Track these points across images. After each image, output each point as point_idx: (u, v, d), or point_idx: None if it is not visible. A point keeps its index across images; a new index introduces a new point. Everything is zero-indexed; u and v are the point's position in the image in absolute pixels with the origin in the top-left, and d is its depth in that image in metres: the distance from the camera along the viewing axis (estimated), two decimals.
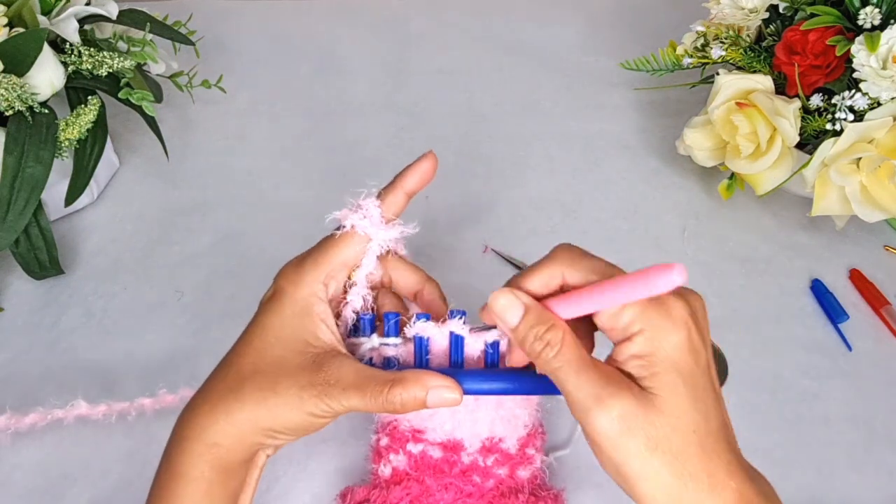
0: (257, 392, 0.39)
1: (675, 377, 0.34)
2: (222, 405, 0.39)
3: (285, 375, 0.39)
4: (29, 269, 0.65)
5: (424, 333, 0.41)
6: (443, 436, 0.45)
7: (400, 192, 0.45)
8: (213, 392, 0.41)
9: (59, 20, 0.63)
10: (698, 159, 0.70)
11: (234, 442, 0.39)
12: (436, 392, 0.38)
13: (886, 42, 0.59)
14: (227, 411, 0.39)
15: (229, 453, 0.39)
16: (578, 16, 0.96)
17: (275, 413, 0.39)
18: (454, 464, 0.45)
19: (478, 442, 0.45)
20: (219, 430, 0.39)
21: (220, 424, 0.39)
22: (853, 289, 0.68)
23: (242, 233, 0.72)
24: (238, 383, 0.40)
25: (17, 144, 0.59)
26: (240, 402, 0.39)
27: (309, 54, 0.91)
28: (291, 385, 0.39)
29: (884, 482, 0.56)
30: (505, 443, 0.45)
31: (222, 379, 0.41)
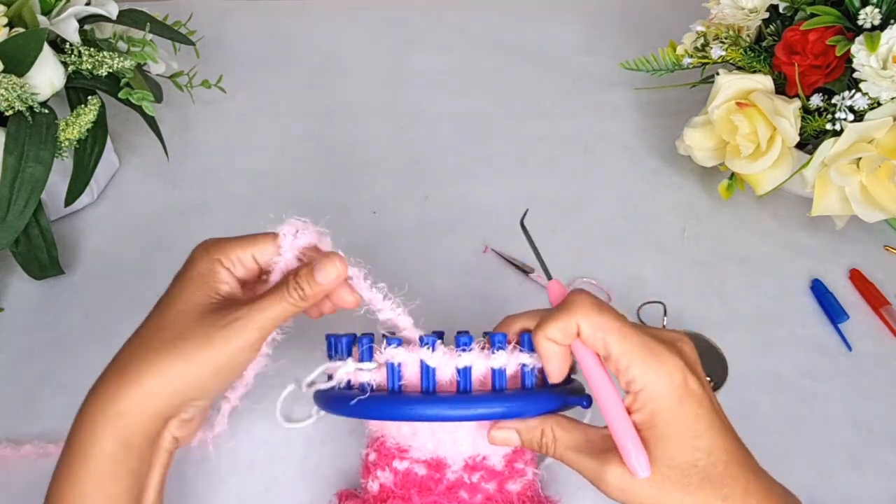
0: (164, 345, 0.39)
1: (672, 424, 0.37)
2: (131, 369, 0.39)
3: (190, 322, 0.39)
4: (29, 269, 0.65)
5: (395, 359, 0.41)
6: (426, 454, 0.45)
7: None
8: (120, 360, 0.40)
9: (59, 20, 0.63)
10: (698, 159, 0.70)
11: (140, 409, 0.38)
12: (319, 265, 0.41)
13: (886, 42, 0.59)
14: (135, 374, 0.38)
15: (133, 423, 0.38)
16: (578, 16, 0.96)
17: (187, 363, 0.38)
18: (439, 481, 0.44)
19: (461, 460, 0.45)
20: (122, 398, 0.38)
21: (124, 390, 0.38)
22: (853, 289, 0.68)
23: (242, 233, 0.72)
24: (143, 345, 0.39)
25: (17, 144, 0.59)
26: (146, 362, 0.39)
27: (309, 54, 0.91)
28: (197, 327, 0.39)
29: (884, 482, 0.56)
30: (490, 460, 0.45)
31: (128, 346, 0.41)
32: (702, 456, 0.37)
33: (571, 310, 0.38)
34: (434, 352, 0.41)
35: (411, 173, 0.77)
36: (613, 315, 0.38)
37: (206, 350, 0.39)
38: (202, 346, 0.39)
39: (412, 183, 0.76)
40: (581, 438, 0.40)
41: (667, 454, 0.37)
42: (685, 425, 0.37)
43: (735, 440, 0.38)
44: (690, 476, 0.36)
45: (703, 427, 0.37)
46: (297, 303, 0.41)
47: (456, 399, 0.40)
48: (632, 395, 0.38)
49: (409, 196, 0.75)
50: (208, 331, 0.39)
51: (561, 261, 0.70)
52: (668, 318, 0.63)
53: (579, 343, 0.39)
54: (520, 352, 0.41)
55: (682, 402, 0.37)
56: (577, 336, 0.38)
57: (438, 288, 0.67)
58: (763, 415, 0.60)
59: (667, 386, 0.37)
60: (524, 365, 0.42)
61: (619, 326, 0.37)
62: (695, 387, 0.37)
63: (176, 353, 0.39)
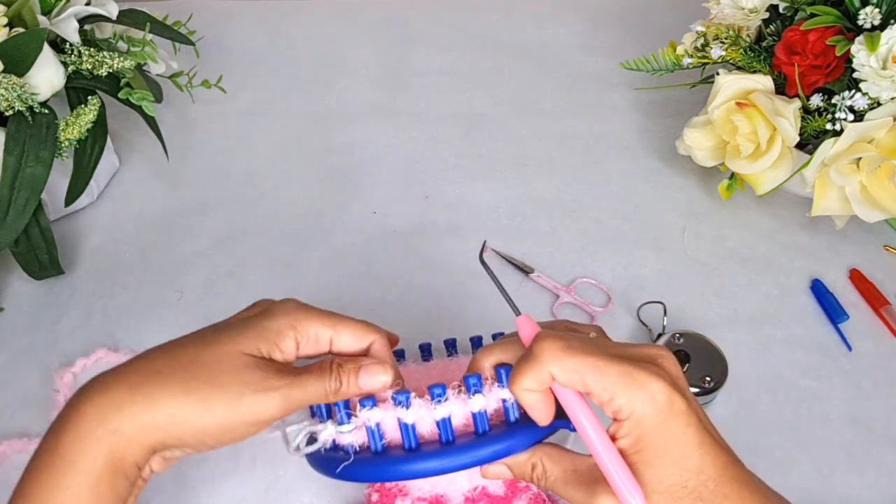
0: (190, 382, 0.36)
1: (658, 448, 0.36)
2: (145, 388, 0.36)
3: (228, 371, 0.37)
4: (29, 269, 0.65)
5: (372, 421, 0.40)
6: (426, 493, 0.44)
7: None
8: (137, 372, 0.37)
9: (59, 20, 0.63)
10: (698, 159, 0.70)
11: (139, 432, 0.36)
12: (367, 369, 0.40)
13: (886, 42, 0.59)
14: (148, 395, 0.36)
15: (129, 445, 0.36)
16: (578, 16, 0.96)
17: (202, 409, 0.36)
18: None
19: (461, 495, 0.44)
20: (126, 416, 0.35)
21: (130, 408, 0.35)
22: (853, 289, 0.68)
23: (242, 233, 0.72)
24: (170, 369, 0.37)
25: (17, 144, 0.59)
26: (164, 388, 0.36)
27: (309, 54, 0.91)
28: (232, 381, 0.36)
29: (884, 482, 0.56)
30: (489, 488, 0.45)
31: (154, 360, 0.38)
32: (691, 476, 0.36)
33: (540, 358, 0.37)
34: (409, 409, 0.39)
35: (411, 173, 0.77)
36: (583, 351, 0.37)
37: (229, 407, 0.36)
38: (228, 402, 0.36)
39: (412, 183, 0.76)
40: (569, 469, 0.40)
41: (654, 479, 0.36)
42: (671, 447, 0.36)
43: (726, 455, 0.37)
44: (681, 498, 0.36)
45: (690, 447, 0.36)
46: (330, 394, 0.39)
47: (440, 453, 0.39)
48: (617, 423, 0.37)
49: (409, 196, 0.75)
50: (242, 389, 0.37)
51: (561, 261, 0.70)
52: (668, 318, 0.63)
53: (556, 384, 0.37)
54: (498, 387, 0.40)
55: (667, 424, 0.36)
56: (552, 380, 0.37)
57: (438, 288, 0.67)
58: (763, 415, 0.60)
59: (650, 410, 0.36)
60: (505, 400, 0.41)
61: (592, 363, 0.36)
62: (680, 406, 0.36)
63: (198, 398, 0.36)
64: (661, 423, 0.36)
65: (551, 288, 0.67)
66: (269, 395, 0.37)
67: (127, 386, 0.36)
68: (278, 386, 0.37)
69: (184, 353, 0.38)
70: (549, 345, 0.37)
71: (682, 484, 0.36)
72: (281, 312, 0.40)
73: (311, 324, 0.40)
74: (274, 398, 0.37)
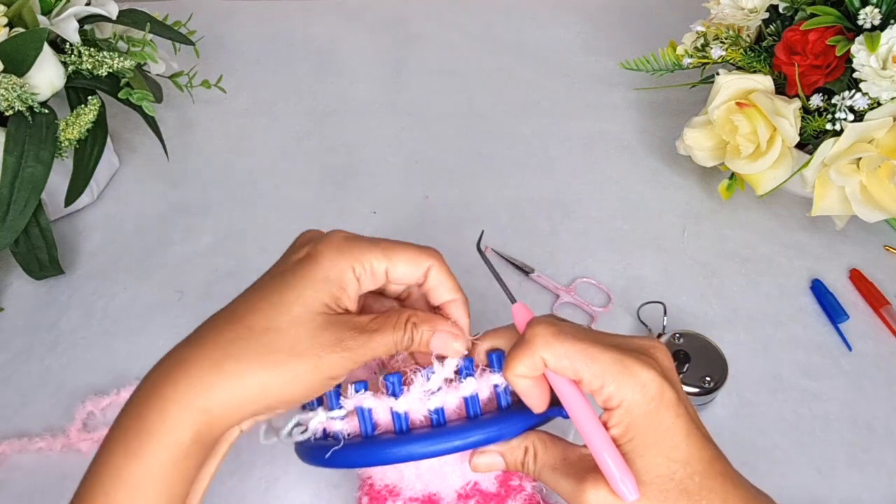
0: (272, 353, 0.36)
1: (646, 437, 0.36)
2: (230, 366, 0.35)
3: (305, 335, 0.36)
4: (29, 269, 0.65)
5: (364, 404, 0.40)
6: (418, 492, 0.44)
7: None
8: (216, 346, 0.36)
9: (59, 20, 0.63)
10: (698, 159, 0.70)
11: (230, 410, 0.36)
12: (440, 336, 0.39)
13: (886, 42, 0.59)
14: (235, 372, 0.35)
15: (218, 421, 0.36)
16: (578, 16, 0.96)
17: (289, 377, 0.36)
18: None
19: (453, 493, 0.44)
20: (215, 395, 0.35)
21: (220, 387, 0.35)
22: (853, 289, 0.68)
23: (242, 233, 0.72)
24: (248, 339, 0.36)
25: (17, 144, 0.59)
26: (248, 364, 0.35)
27: (309, 54, 0.91)
28: (310, 345, 0.36)
29: (884, 482, 0.56)
30: (482, 484, 0.44)
31: (229, 331, 0.36)
32: (678, 468, 0.35)
33: (532, 344, 0.37)
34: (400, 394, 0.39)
35: (411, 173, 0.77)
36: (576, 338, 0.36)
37: (312, 372, 0.36)
38: (310, 368, 0.36)
39: (412, 183, 0.77)
40: (559, 457, 0.39)
41: (643, 468, 0.36)
42: (661, 436, 0.36)
43: (712, 449, 0.37)
44: (668, 490, 0.35)
45: (678, 437, 0.36)
46: (401, 345, 0.39)
47: (430, 435, 0.39)
48: (608, 412, 0.37)
49: (409, 196, 0.75)
50: (320, 352, 0.36)
51: (561, 261, 0.70)
52: (668, 318, 0.63)
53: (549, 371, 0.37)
54: (490, 373, 0.40)
55: (657, 413, 0.36)
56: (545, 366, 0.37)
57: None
58: (763, 415, 0.60)
59: (641, 398, 0.35)
60: (497, 386, 0.40)
61: (583, 349, 0.36)
62: (670, 396, 0.36)
63: (283, 367, 0.36)
64: (650, 412, 0.36)
65: (551, 288, 0.67)
66: (347, 354, 0.37)
67: (211, 363, 0.36)
68: (353, 346, 0.37)
69: (257, 320, 0.37)
70: (541, 330, 0.37)
71: (670, 475, 0.35)
72: (335, 253, 0.38)
73: (366, 258, 0.39)
74: (352, 356, 0.37)
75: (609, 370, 0.36)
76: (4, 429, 0.59)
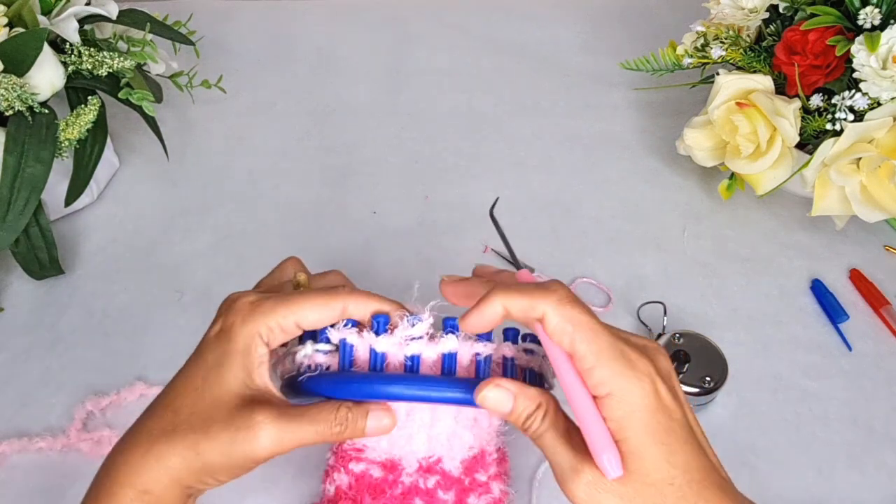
0: (190, 435, 0.38)
1: (645, 436, 0.35)
2: (156, 449, 0.38)
3: (220, 417, 0.38)
4: (29, 269, 0.65)
5: (348, 339, 0.40)
6: (382, 455, 0.43)
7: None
8: (147, 434, 0.39)
9: (59, 20, 0.63)
10: (698, 159, 0.70)
11: (166, 489, 0.38)
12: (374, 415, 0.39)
13: (886, 42, 0.59)
14: (159, 456, 0.38)
15: (161, 500, 0.38)
16: (578, 16, 0.96)
17: (206, 457, 0.38)
18: (394, 484, 0.43)
19: (415, 461, 0.43)
20: (151, 477, 0.38)
21: (152, 471, 0.38)
22: (853, 289, 0.68)
23: (242, 233, 0.72)
24: (173, 425, 0.39)
25: (17, 144, 0.59)
26: (172, 446, 0.38)
27: (309, 54, 0.91)
28: (224, 428, 0.38)
29: (884, 482, 0.56)
30: (445, 463, 0.43)
31: (158, 419, 0.39)
32: (678, 474, 0.34)
33: (544, 293, 0.35)
34: (379, 336, 0.40)
35: (411, 173, 0.77)
36: (587, 311, 0.36)
37: (224, 455, 0.38)
38: (224, 451, 0.38)
39: (412, 183, 0.76)
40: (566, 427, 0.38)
41: (642, 469, 0.34)
42: (659, 438, 0.34)
43: (709, 458, 0.36)
44: (666, 495, 0.34)
45: (677, 442, 0.35)
46: (332, 437, 0.39)
47: (400, 378, 0.38)
48: (598, 399, 0.35)
49: (409, 196, 0.75)
50: (234, 435, 0.38)
51: (561, 261, 0.70)
52: (668, 318, 0.63)
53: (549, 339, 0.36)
54: (475, 342, 0.40)
55: (655, 413, 0.35)
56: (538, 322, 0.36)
57: (438, 288, 0.67)
58: (763, 415, 0.60)
59: (638, 393, 0.34)
60: (478, 354, 0.40)
61: (589, 322, 0.35)
62: (668, 398, 0.35)
63: (198, 452, 0.38)
64: (648, 410, 0.35)
65: None
66: (258, 432, 0.38)
67: (143, 450, 0.38)
68: (266, 430, 0.38)
69: (182, 405, 0.39)
70: (559, 286, 0.36)
71: (669, 480, 0.34)
72: (241, 325, 0.40)
73: (271, 319, 0.39)
74: (263, 436, 0.38)
75: (607, 353, 0.35)
76: (4, 429, 0.59)
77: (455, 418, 0.42)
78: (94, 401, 0.59)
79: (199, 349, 0.41)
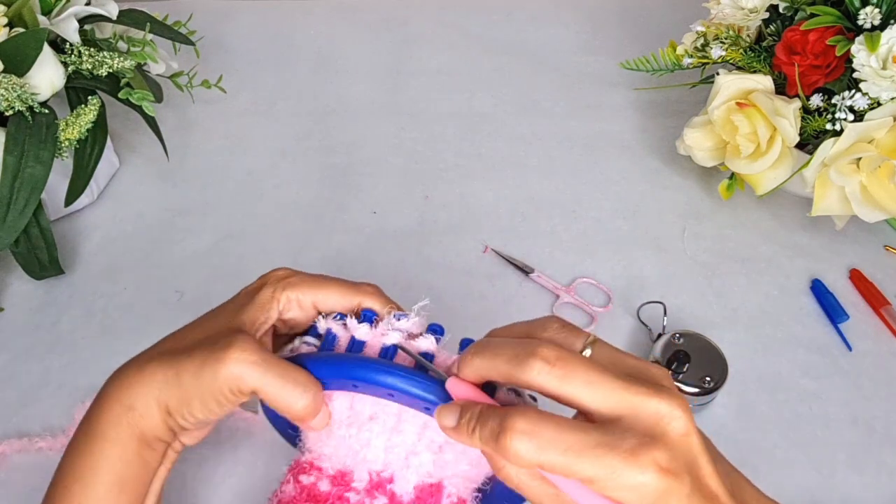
0: (179, 356, 0.39)
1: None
2: (147, 368, 0.39)
3: (207, 342, 0.39)
4: (29, 269, 0.65)
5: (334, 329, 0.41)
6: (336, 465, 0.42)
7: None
8: (147, 356, 0.41)
9: (59, 20, 0.63)
10: (698, 159, 0.70)
11: (148, 406, 0.39)
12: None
13: (886, 42, 0.59)
14: (148, 374, 0.39)
15: (144, 420, 0.39)
16: (578, 16, 0.96)
17: (182, 378, 0.38)
18: (338, 497, 0.41)
19: (366, 472, 0.40)
20: (134, 393, 0.39)
21: (139, 387, 0.39)
22: (853, 289, 0.68)
23: (242, 233, 0.72)
24: (170, 350, 0.40)
25: (17, 144, 0.59)
26: (160, 365, 0.39)
27: (309, 54, 0.91)
28: (206, 349, 0.38)
29: (884, 482, 0.56)
30: (396, 484, 0.40)
31: (162, 343, 0.41)
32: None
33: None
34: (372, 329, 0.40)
35: (411, 173, 0.77)
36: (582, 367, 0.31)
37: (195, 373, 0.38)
38: (194, 369, 0.38)
39: (412, 183, 0.76)
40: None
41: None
42: None
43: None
44: None
45: None
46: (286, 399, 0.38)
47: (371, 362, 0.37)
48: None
49: (409, 196, 0.75)
50: (206, 355, 0.38)
51: (561, 261, 0.70)
52: (667, 318, 0.63)
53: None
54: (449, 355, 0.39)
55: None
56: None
57: (438, 288, 0.67)
58: (763, 415, 0.60)
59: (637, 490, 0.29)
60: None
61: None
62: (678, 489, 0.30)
63: (176, 370, 0.38)
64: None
65: (551, 288, 0.67)
66: (230, 351, 0.37)
67: (136, 367, 0.40)
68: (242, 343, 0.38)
69: (185, 334, 0.41)
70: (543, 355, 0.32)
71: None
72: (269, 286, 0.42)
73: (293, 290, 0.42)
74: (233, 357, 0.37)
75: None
76: (4, 429, 0.59)
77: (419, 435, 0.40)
78: None
79: (226, 302, 0.43)
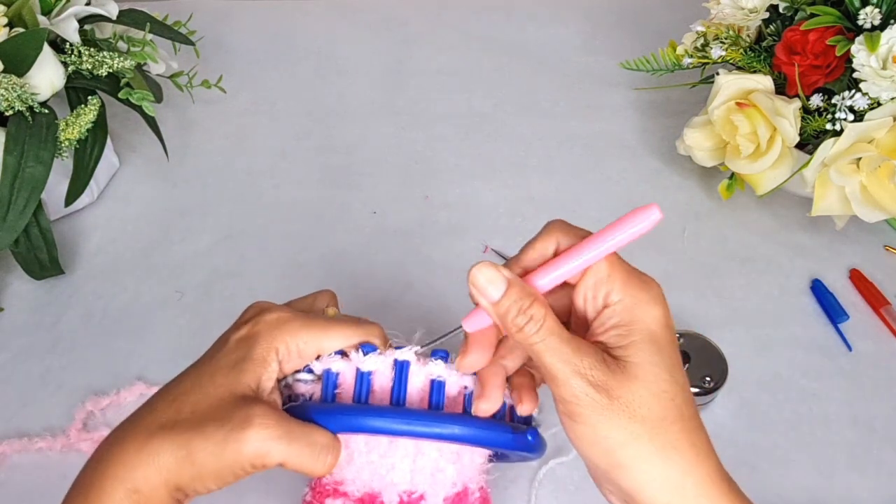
0: (186, 432, 0.36)
1: (652, 346, 0.34)
2: (151, 445, 0.36)
3: (218, 416, 0.36)
4: (29, 269, 0.65)
5: (333, 368, 0.39)
6: (361, 488, 0.41)
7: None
8: (145, 429, 0.37)
9: (59, 20, 0.63)
10: (698, 159, 0.70)
11: (155, 489, 0.36)
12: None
13: (886, 42, 0.59)
14: (153, 452, 0.36)
15: (149, 501, 0.36)
16: (578, 16, 0.96)
17: (196, 457, 0.36)
18: None
19: (395, 495, 0.40)
20: (142, 474, 0.36)
21: (144, 468, 0.36)
22: (853, 289, 0.68)
23: (242, 233, 0.72)
24: (172, 422, 0.37)
25: (17, 144, 0.59)
26: (166, 443, 0.36)
27: (309, 54, 0.91)
28: (219, 426, 0.36)
29: (884, 482, 0.56)
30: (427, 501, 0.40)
31: (160, 413, 0.37)
32: (678, 392, 0.33)
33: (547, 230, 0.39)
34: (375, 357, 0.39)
35: (411, 173, 0.77)
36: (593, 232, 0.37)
37: (218, 455, 0.36)
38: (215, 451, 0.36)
39: (412, 183, 0.76)
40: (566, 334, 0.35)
41: (647, 377, 0.33)
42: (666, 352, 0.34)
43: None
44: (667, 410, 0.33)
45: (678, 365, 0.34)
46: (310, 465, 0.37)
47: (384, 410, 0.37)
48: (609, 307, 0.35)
49: (409, 196, 0.75)
50: (227, 435, 0.36)
51: None
52: None
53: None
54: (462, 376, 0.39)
55: (664, 328, 0.34)
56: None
57: (438, 288, 0.67)
58: (763, 415, 0.60)
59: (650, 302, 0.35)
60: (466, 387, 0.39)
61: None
62: (671, 324, 0.35)
63: (189, 451, 0.36)
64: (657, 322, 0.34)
65: None
66: (249, 431, 0.35)
67: (137, 444, 0.37)
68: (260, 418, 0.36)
69: (185, 404, 0.38)
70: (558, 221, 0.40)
71: (671, 395, 0.34)
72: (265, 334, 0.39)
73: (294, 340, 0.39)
74: (253, 435, 0.35)
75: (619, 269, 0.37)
76: (4, 429, 0.59)
77: (439, 450, 0.40)
78: (94, 401, 0.59)
79: (216, 350, 0.40)
